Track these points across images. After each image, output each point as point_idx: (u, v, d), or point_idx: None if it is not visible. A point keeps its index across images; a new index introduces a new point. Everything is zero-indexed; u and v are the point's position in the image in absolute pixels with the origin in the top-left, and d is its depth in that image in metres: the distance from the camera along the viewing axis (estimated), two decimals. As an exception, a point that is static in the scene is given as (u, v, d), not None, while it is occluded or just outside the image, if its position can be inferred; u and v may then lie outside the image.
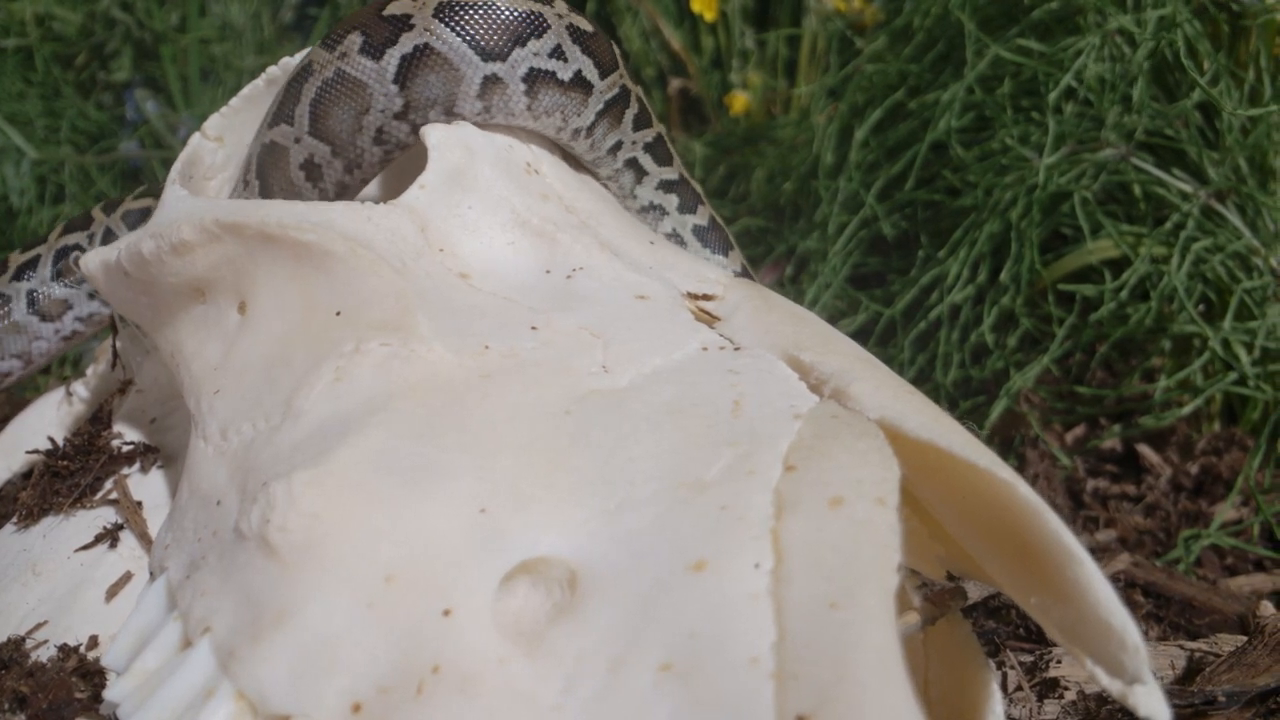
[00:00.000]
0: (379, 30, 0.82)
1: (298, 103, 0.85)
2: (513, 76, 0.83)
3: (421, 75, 0.81)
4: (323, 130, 0.85)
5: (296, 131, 0.86)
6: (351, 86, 0.83)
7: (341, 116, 0.83)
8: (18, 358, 1.04)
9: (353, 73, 0.82)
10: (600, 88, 0.86)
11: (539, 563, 0.59)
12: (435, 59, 0.81)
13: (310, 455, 0.63)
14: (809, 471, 0.59)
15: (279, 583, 0.58)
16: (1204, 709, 0.72)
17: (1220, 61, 1.22)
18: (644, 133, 0.93)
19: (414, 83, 0.81)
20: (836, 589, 0.52)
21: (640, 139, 0.92)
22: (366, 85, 0.82)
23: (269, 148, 0.88)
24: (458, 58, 0.81)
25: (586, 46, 0.85)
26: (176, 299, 0.80)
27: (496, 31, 0.82)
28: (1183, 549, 1.13)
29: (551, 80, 0.84)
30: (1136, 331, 1.25)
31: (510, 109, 0.84)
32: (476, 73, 0.82)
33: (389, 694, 0.54)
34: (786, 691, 0.49)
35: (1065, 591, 0.58)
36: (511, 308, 0.75)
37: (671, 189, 0.97)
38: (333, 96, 0.83)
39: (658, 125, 0.96)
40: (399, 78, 0.81)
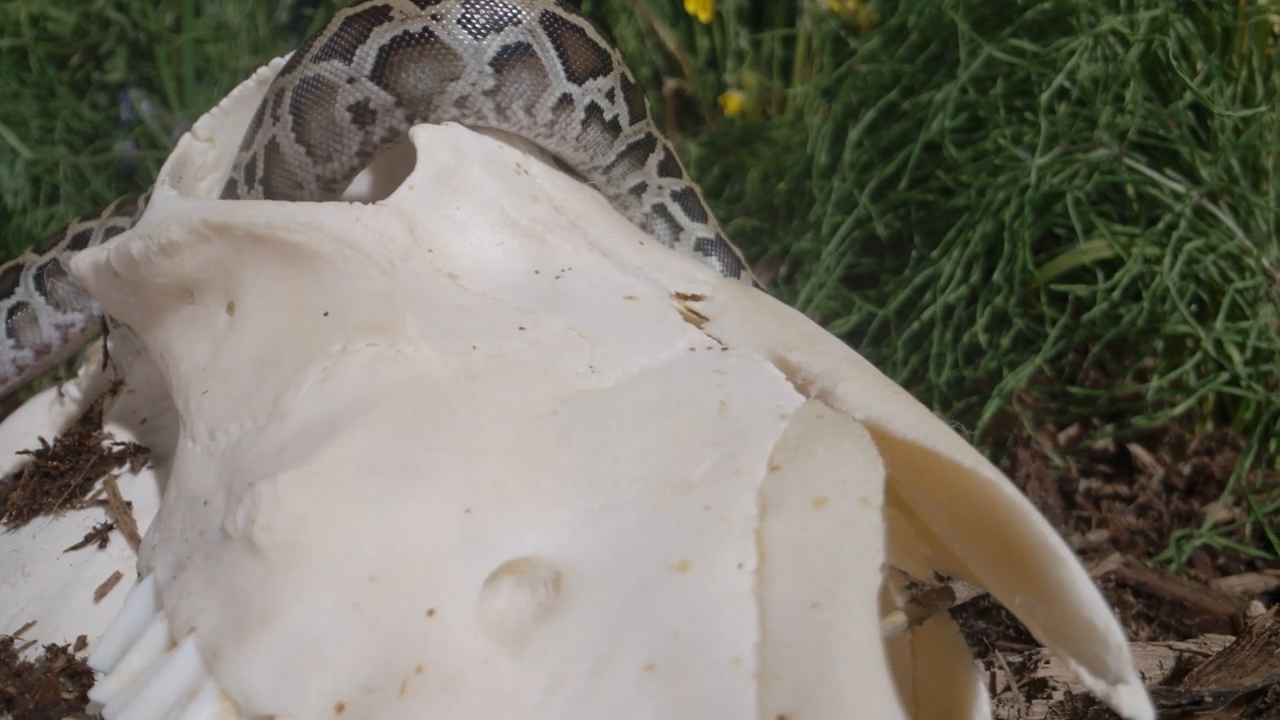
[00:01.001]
0: (484, 12, 0.84)
1: (363, 42, 0.83)
2: (580, 103, 0.87)
3: (517, 70, 0.84)
4: (392, 80, 0.83)
5: (353, 71, 0.83)
6: (441, 51, 0.83)
7: (420, 74, 0.83)
8: (80, 311, 1.09)
9: (445, 39, 0.82)
10: (627, 131, 0.92)
11: (524, 563, 0.59)
12: (533, 61, 0.84)
13: (296, 456, 0.63)
14: (793, 471, 0.59)
15: (264, 583, 0.58)
16: (1190, 709, 0.72)
17: (1212, 62, 1.22)
18: (671, 180, 0.97)
19: (509, 72, 0.84)
20: (819, 589, 0.52)
21: (668, 185, 0.97)
22: (460, 56, 0.83)
23: (311, 81, 0.85)
24: (550, 67, 0.85)
25: (628, 95, 0.91)
26: (166, 299, 0.80)
27: (584, 57, 0.87)
28: (1174, 549, 1.13)
29: (599, 117, 0.89)
30: (1129, 332, 1.25)
31: (566, 133, 0.88)
32: (560, 88, 0.85)
33: (373, 694, 0.54)
34: (768, 691, 0.49)
35: (1049, 591, 0.58)
36: (500, 308, 0.75)
37: (710, 250, 1.02)
38: (416, 54, 0.83)
39: (689, 179, 0.99)
40: (496, 62, 0.83)
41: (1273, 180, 1.22)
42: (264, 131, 0.88)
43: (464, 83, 0.83)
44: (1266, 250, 1.21)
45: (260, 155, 0.89)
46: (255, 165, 0.89)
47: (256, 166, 0.89)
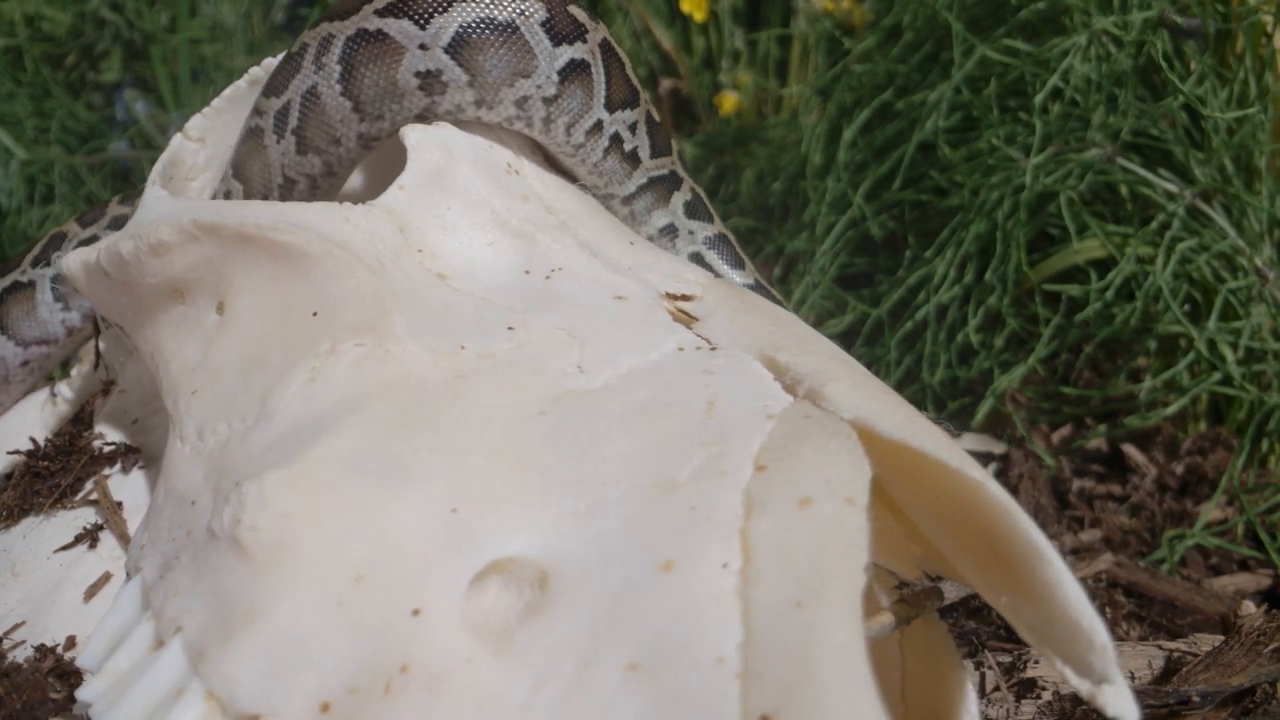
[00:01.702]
0: (563, 20, 0.85)
1: (443, 12, 0.82)
2: (607, 131, 0.89)
3: (574, 85, 0.85)
4: (468, 59, 0.82)
5: (426, 38, 0.81)
6: (522, 47, 0.83)
7: (497, 62, 0.83)
8: None
9: (528, 36, 0.83)
10: (648, 164, 0.94)
11: (510, 563, 0.59)
12: (588, 81, 0.86)
13: (283, 455, 0.63)
14: (779, 471, 0.59)
15: (250, 583, 0.58)
16: (1178, 709, 0.72)
17: (1206, 62, 1.22)
18: (702, 224, 0.98)
19: (568, 86, 0.85)
20: (803, 588, 0.52)
21: (699, 230, 0.98)
22: (536, 57, 0.83)
23: (372, 35, 0.82)
24: (597, 91, 0.87)
25: (651, 131, 0.93)
26: (156, 300, 0.80)
27: (621, 89, 0.90)
28: (1167, 549, 1.13)
29: (619, 146, 0.91)
30: (1122, 331, 1.25)
31: (588, 157, 0.90)
32: (597, 113, 0.88)
33: (357, 693, 0.54)
34: (751, 691, 0.49)
35: (1035, 591, 0.58)
36: (489, 308, 0.75)
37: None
38: (498, 41, 0.83)
39: (720, 224, 1.01)
40: (563, 72, 0.84)
41: (1266, 180, 1.22)
42: (302, 78, 0.84)
43: (531, 83, 0.84)
44: (1259, 250, 1.21)
45: (295, 104, 0.85)
46: (288, 114, 0.86)
47: (290, 115, 0.86)
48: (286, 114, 0.86)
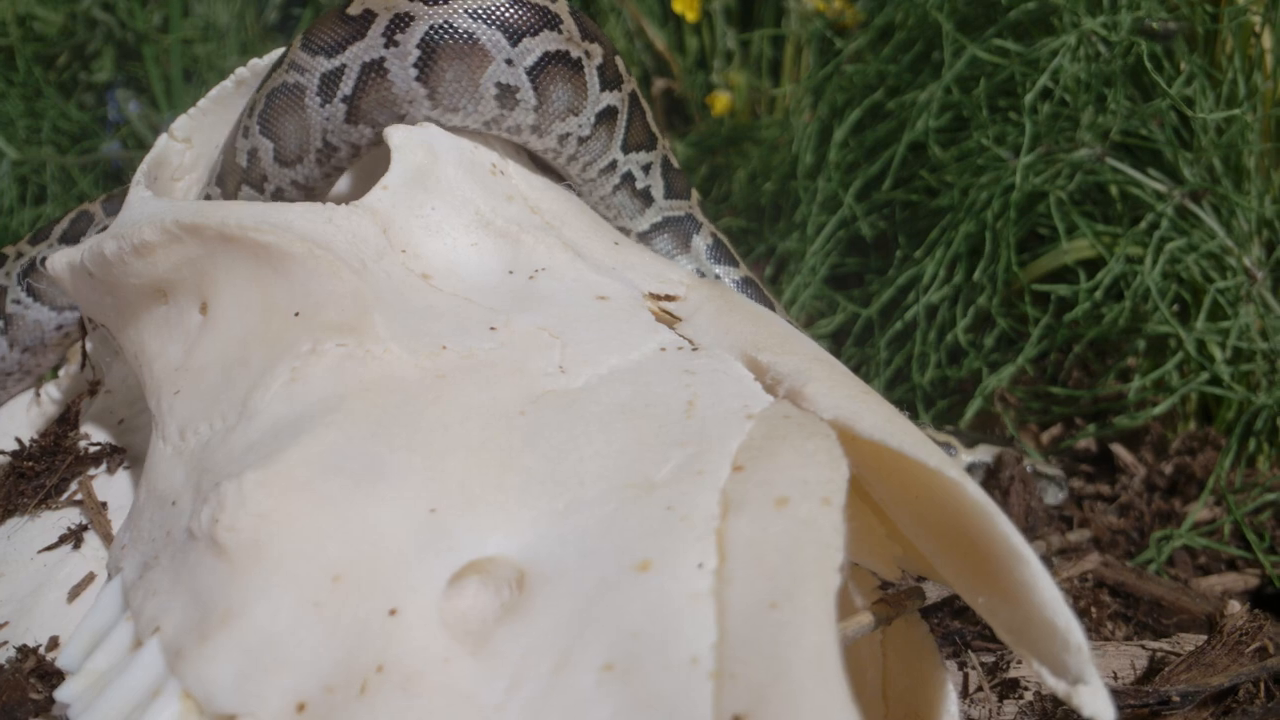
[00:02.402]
0: (611, 67, 0.89)
1: (530, 35, 0.83)
2: (620, 169, 0.93)
3: (602, 130, 0.89)
4: (542, 86, 0.84)
5: (514, 55, 0.83)
6: (582, 86, 0.86)
7: (562, 95, 0.85)
8: None
9: (588, 78, 0.86)
10: (662, 204, 0.97)
11: (488, 562, 0.59)
12: (612, 127, 0.90)
13: (262, 455, 0.63)
14: (756, 472, 0.59)
15: (227, 582, 0.58)
16: (1158, 709, 0.72)
17: (1195, 62, 1.22)
18: (729, 269, 1.01)
19: (598, 129, 0.89)
20: (777, 589, 0.52)
21: (726, 274, 1.01)
22: (588, 97, 0.87)
23: (461, 35, 0.81)
24: (616, 136, 0.91)
25: (667, 173, 0.97)
26: (140, 300, 0.80)
27: (639, 134, 0.93)
28: (1155, 549, 1.13)
29: (631, 184, 0.94)
30: (1111, 331, 1.25)
31: (598, 190, 0.93)
32: (615, 153, 0.91)
33: (334, 693, 0.54)
34: (724, 691, 0.49)
35: (1011, 592, 0.58)
36: (471, 308, 0.75)
37: None
38: (566, 75, 0.86)
39: (746, 268, 1.04)
40: (598, 117, 0.88)
41: (1254, 180, 1.22)
42: (364, 48, 0.82)
43: (576, 121, 0.87)
44: (1248, 249, 1.21)
45: (353, 71, 0.83)
46: (340, 79, 0.84)
47: (343, 81, 0.84)
48: (338, 79, 0.84)
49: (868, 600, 0.71)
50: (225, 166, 0.94)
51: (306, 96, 0.86)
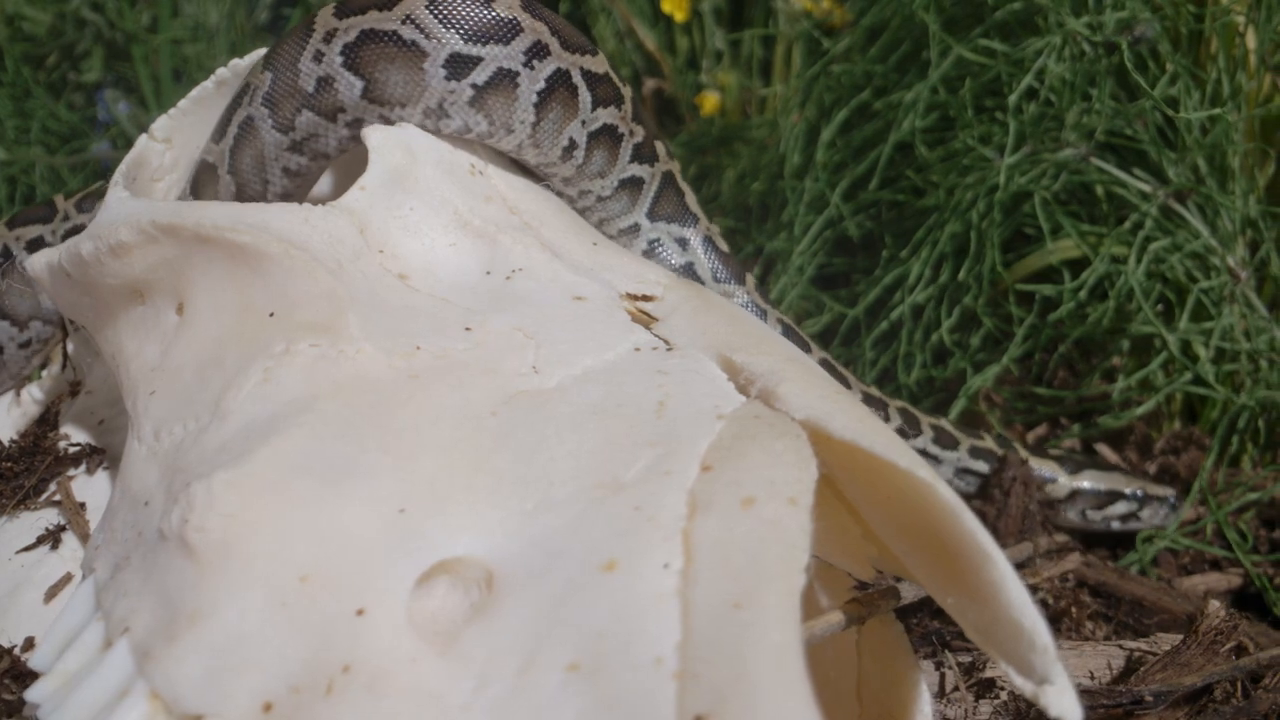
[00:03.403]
0: (649, 147, 0.94)
1: (603, 107, 0.87)
2: (645, 235, 0.97)
3: (626, 192, 0.94)
4: (592, 147, 0.89)
5: (586, 116, 0.86)
6: (615, 153, 0.91)
7: (601, 157, 0.90)
8: None
9: (623, 149, 0.92)
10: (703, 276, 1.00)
11: (457, 563, 0.59)
12: (637, 194, 0.94)
13: (233, 456, 0.63)
14: (725, 472, 0.59)
15: (196, 583, 0.58)
16: (1131, 709, 0.72)
17: (1179, 62, 1.22)
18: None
19: (623, 190, 0.93)
20: (741, 589, 0.52)
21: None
22: (615, 165, 0.92)
23: (564, 76, 0.84)
24: (641, 203, 0.95)
25: (710, 250, 1.00)
26: (117, 300, 0.81)
27: (670, 207, 0.97)
28: (1140, 550, 1.13)
29: (658, 248, 0.98)
30: (1096, 331, 1.25)
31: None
32: (635, 218, 0.95)
33: (300, 693, 0.54)
34: (687, 691, 0.49)
35: (980, 591, 0.58)
36: (447, 308, 0.75)
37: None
38: (609, 142, 0.90)
39: (818, 352, 1.07)
40: (622, 184, 0.92)
41: (1239, 179, 1.22)
42: (410, 31, 0.80)
43: (603, 183, 0.91)
44: (1232, 249, 1.21)
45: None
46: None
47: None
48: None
49: (842, 600, 0.71)
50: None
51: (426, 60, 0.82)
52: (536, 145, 0.86)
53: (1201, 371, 1.19)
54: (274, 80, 0.86)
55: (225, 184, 0.92)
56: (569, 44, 0.85)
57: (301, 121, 0.87)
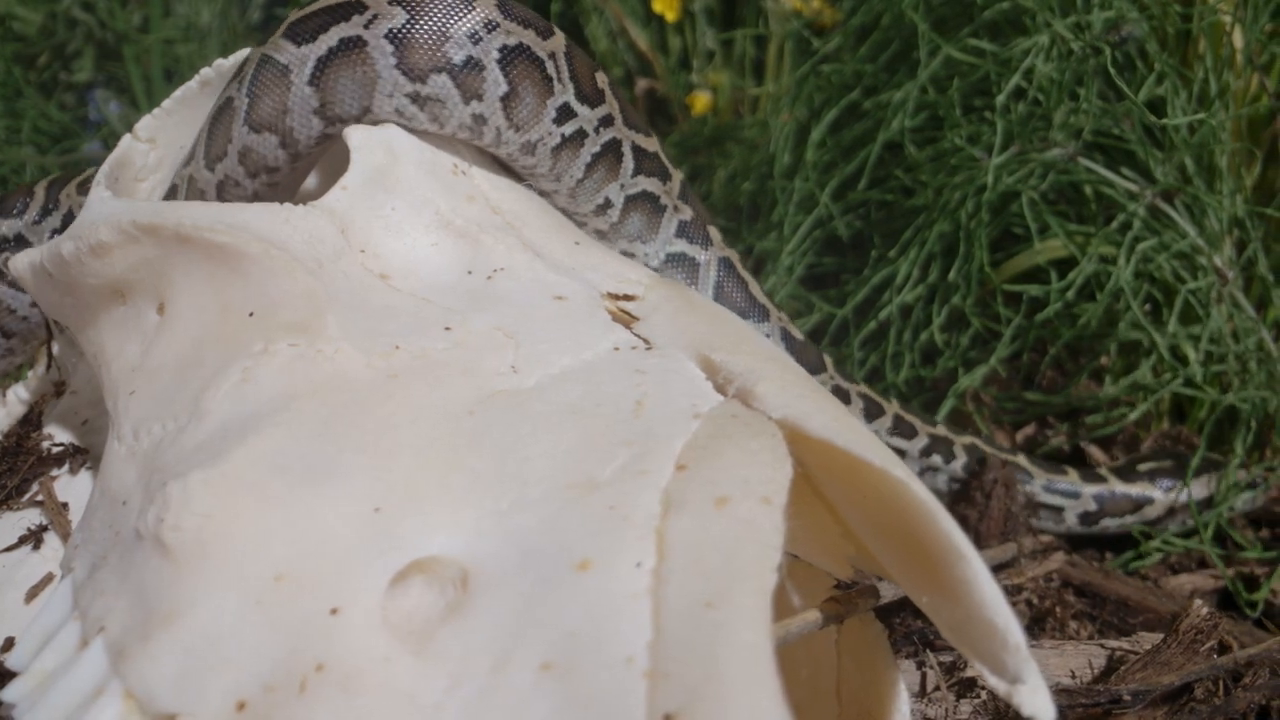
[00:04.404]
0: (699, 228, 0.98)
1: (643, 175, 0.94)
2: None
3: (637, 211, 0.96)
4: (629, 208, 0.94)
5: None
6: (656, 221, 0.97)
7: (644, 221, 0.96)
8: None
9: (665, 221, 0.97)
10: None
11: (432, 562, 0.59)
12: (654, 218, 0.97)
13: (209, 455, 0.63)
14: (700, 471, 0.59)
15: (171, 582, 0.58)
16: (1110, 708, 0.72)
17: (1166, 62, 1.22)
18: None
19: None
20: (713, 588, 0.52)
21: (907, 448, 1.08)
22: (659, 234, 0.97)
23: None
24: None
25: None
26: (98, 300, 0.81)
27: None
28: (1133, 550, 1.13)
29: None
30: (1084, 332, 1.25)
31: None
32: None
33: (274, 692, 0.54)
34: (658, 690, 0.49)
35: (953, 590, 0.58)
36: (428, 308, 0.75)
37: None
38: (649, 208, 0.96)
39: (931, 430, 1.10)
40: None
41: (1226, 179, 1.22)
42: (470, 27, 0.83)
43: (645, 249, 0.96)
44: (1219, 249, 1.21)
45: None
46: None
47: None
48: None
49: (819, 600, 0.71)
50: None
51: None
52: (573, 197, 0.92)
53: (1190, 373, 1.19)
54: None
55: None
56: (630, 121, 0.94)
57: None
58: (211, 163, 0.89)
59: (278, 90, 0.84)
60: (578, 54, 0.88)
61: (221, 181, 0.89)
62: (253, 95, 0.85)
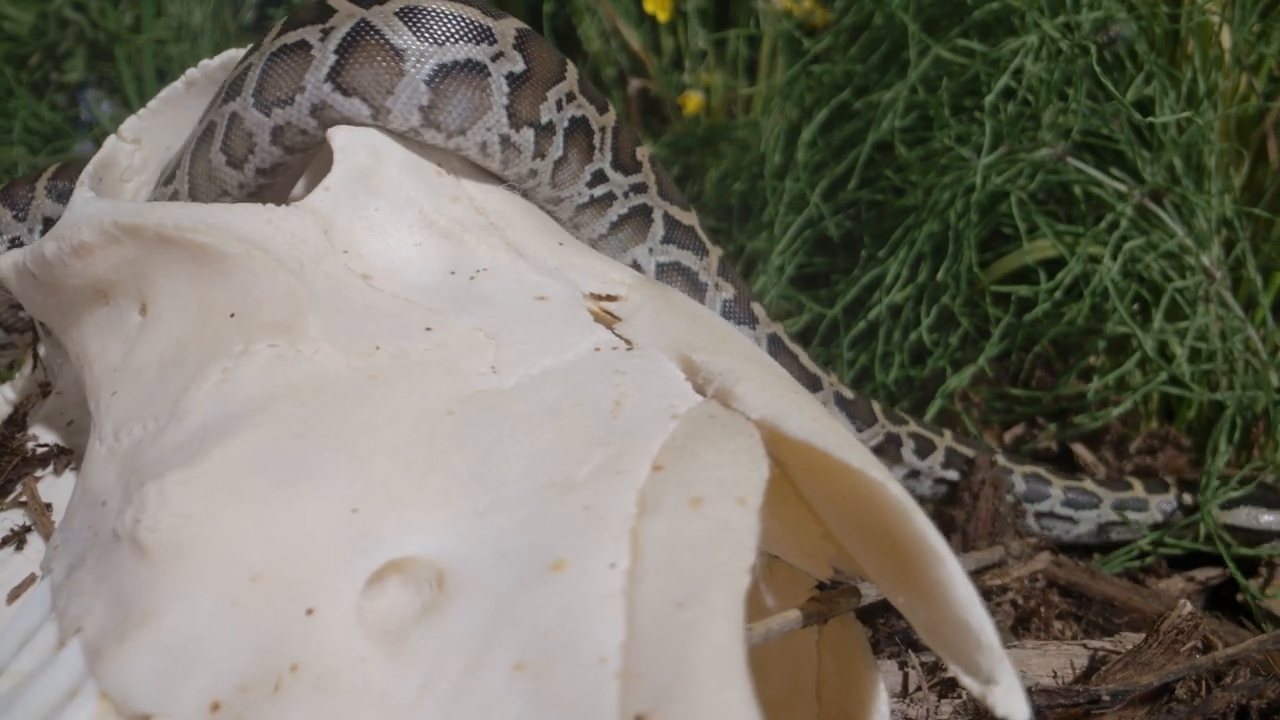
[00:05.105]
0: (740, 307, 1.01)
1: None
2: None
3: (632, 224, 0.96)
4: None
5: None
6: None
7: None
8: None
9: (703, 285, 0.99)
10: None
11: (409, 562, 0.59)
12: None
13: (187, 456, 0.63)
14: (676, 471, 0.59)
15: (147, 583, 0.58)
16: (1089, 708, 0.72)
17: (1155, 62, 1.22)
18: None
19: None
20: (686, 588, 0.52)
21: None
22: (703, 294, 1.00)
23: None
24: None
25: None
26: (81, 301, 0.81)
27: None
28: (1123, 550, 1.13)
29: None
30: (1072, 331, 1.25)
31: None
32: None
33: (248, 693, 0.54)
34: (630, 690, 0.49)
35: (928, 590, 0.58)
36: (409, 309, 0.75)
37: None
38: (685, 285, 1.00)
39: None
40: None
41: (1214, 179, 1.22)
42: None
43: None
44: (1208, 248, 1.21)
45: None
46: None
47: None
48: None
49: (802, 600, 0.71)
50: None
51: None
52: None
53: (1177, 371, 1.19)
54: None
55: None
56: (665, 193, 0.98)
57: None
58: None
59: (386, 70, 0.83)
60: (625, 129, 0.94)
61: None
62: (344, 57, 0.82)
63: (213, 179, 0.88)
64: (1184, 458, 1.21)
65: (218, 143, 0.86)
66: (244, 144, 0.86)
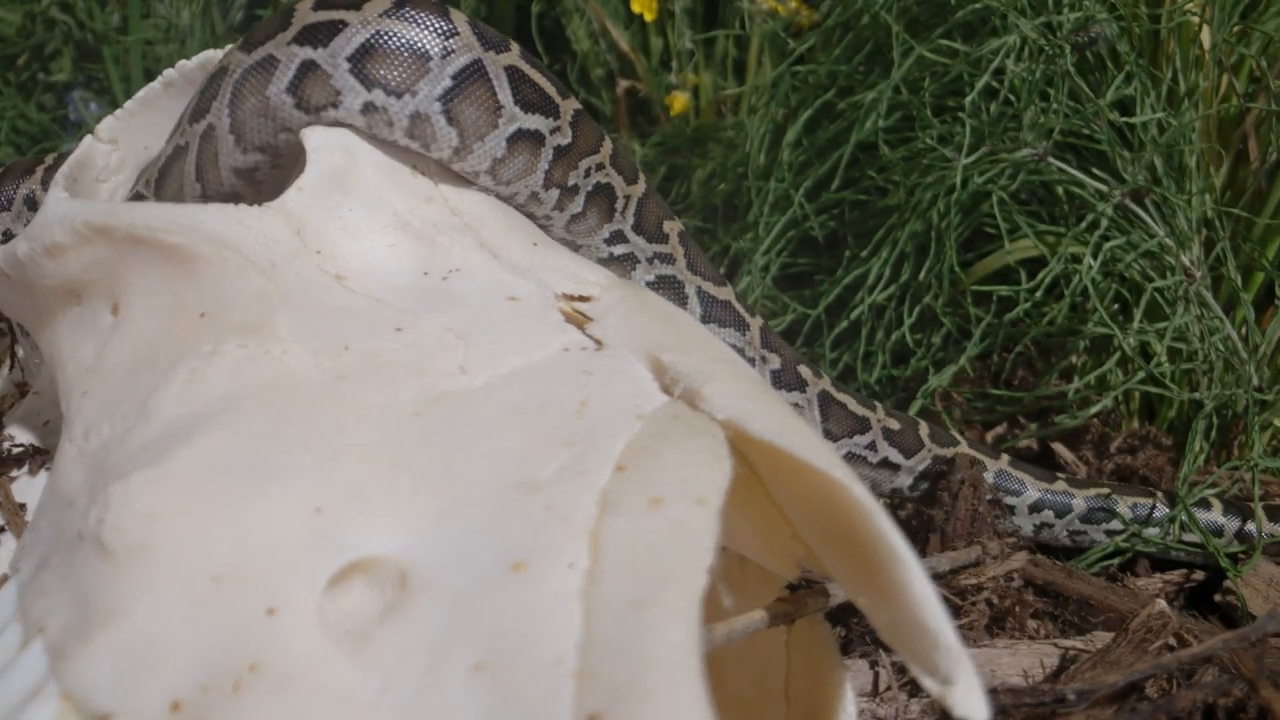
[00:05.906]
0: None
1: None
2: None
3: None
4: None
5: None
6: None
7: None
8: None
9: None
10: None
11: (372, 562, 0.59)
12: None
13: (153, 456, 0.63)
14: (638, 472, 0.59)
15: (110, 583, 0.58)
16: (1055, 707, 0.72)
17: (1136, 62, 1.23)
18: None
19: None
20: (643, 589, 0.52)
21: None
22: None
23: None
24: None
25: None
26: (54, 301, 0.81)
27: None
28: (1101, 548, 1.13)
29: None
30: (1053, 331, 1.25)
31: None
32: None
33: (208, 692, 0.55)
34: (586, 690, 0.50)
35: (889, 591, 0.58)
36: (381, 309, 0.75)
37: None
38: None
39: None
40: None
41: (1195, 179, 1.23)
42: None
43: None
44: (1188, 248, 1.22)
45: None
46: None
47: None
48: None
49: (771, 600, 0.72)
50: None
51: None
52: None
53: (1158, 371, 1.20)
54: None
55: None
56: (697, 268, 1.02)
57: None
58: None
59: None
60: (653, 202, 0.99)
61: None
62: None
63: None
64: (1164, 457, 1.21)
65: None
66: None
